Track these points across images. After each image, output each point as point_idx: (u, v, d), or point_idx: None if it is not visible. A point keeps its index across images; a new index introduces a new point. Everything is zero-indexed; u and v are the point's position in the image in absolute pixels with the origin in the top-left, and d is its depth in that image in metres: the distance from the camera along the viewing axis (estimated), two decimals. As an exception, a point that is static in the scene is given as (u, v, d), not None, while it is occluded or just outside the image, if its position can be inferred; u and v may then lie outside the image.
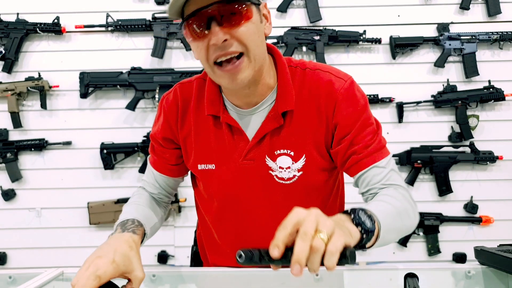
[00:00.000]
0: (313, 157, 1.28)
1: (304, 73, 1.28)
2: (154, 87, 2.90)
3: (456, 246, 3.03)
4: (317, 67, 1.30)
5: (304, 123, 1.26)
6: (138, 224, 1.26)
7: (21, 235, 3.05)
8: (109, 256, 1.02)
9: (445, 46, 2.96)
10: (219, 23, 1.08)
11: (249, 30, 1.11)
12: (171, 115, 1.34)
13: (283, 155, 1.27)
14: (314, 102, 1.26)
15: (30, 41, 3.03)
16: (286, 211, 1.00)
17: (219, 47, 1.09)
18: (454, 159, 2.95)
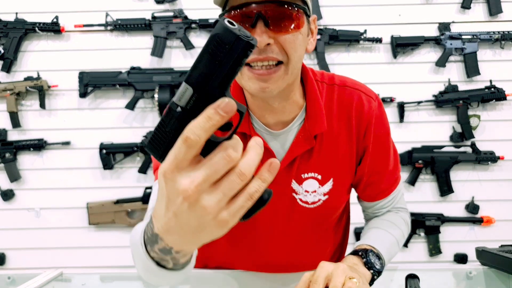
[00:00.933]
0: (340, 180, 1.24)
1: (332, 90, 1.23)
2: (154, 87, 2.88)
3: (457, 246, 3.01)
4: (344, 82, 1.25)
5: (334, 145, 1.21)
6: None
7: (20, 236, 3.04)
8: None
9: (446, 45, 2.95)
10: (266, 24, 1.00)
11: (296, 40, 1.03)
12: None
13: (310, 178, 1.22)
14: (345, 122, 1.21)
15: (29, 40, 3.01)
16: (303, 231, 1.03)
17: (259, 50, 1.01)
18: (455, 159, 2.94)
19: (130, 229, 2.99)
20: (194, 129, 0.54)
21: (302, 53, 1.09)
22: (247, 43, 0.55)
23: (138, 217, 2.97)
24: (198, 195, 0.56)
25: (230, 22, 0.55)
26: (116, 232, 3.02)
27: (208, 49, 0.55)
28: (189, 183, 0.56)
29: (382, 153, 1.26)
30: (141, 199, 2.94)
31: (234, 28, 0.55)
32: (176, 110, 0.58)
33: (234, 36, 0.54)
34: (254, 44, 0.56)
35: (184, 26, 2.91)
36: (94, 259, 3.02)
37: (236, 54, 0.55)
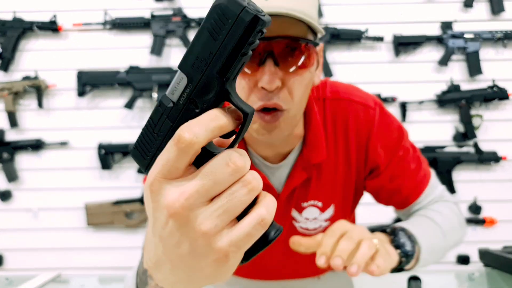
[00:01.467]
0: (342, 204, 1.18)
1: (324, 105, 1.15)
2: (153, 86, 2.86)
3: (460, 247, 2.98)
4: (337, 94, 1.17)
5: (333, 170, 1.14)
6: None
7: (18, 236, 3.02)
8: None
9: (448, 44, 2.92)
10: (276, 62, 0.91)
11: (303, 81, 0.96)
12: None
13: (310, 206, 1.15)
14: (342, 142, 1.14)
15: (27, 39, 2.99)
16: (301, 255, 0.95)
17: (267, 93, 0.92)
18: (457, 159, 2.92)
19: (128, 230, 2.98)
20: (191, 127, 0.44)
21: (308, 92, 1.01)
22: (255, 18, 0.43)
23: (137, 218, 2.95)
24: (188, 211, 0.44)
25: None
26: (114, 233, 3.00)
27: (207, 24, 0.45)
28: (177, 195, 0.44)
29: (397, 158, 1.17)
30: (140, 200, 2.92)
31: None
32: (168, 106, 0.47)
33: (239, 7, 0.43)
34: (266, 21, 0.44)
35: (183, 24, 2.89)
36: (92, 260, 2.99)
37: (242, 32, 0.43)
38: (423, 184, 1.21)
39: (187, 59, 0.46)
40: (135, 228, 2.98)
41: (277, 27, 0.90)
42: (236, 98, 0.47)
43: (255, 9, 0.43)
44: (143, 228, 2.96)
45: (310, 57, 0.95)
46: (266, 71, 0.90)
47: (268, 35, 0.91)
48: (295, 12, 0.89)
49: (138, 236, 2.98)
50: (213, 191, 0.44)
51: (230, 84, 0.46)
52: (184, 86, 0.46)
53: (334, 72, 2.92)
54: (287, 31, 0.91)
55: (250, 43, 0.44)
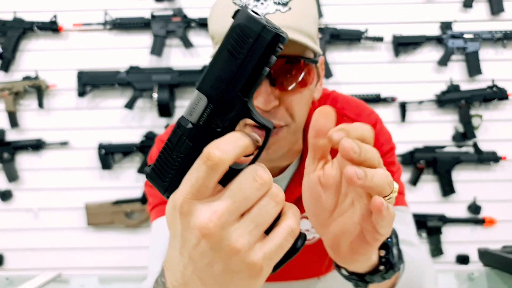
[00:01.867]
0: None
1: None
2: (153, 86, 2.86)
3: (459, 247, 2.99)
4: (344, 111, 1.13)
5: None
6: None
7: (18, 236, 3.02)
8: None
9: (448, 44, 2.92)
10: (272, 82, 0.89)
11: (303, 99, 0.94)
12: None
13: (303, 218, 1.11)
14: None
15: (27, 39, 2.99)
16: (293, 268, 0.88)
17: (263, 113, 0.89)
18: (457, 160, 2.92)
19: (129, 230, 2.98)
20: (219, 145, 0.43)
21: (308, 108, 0.99)
22: (276, 36, 0.44)
23: (137, 218, 2.95)
24: (221, 230, 0.43)
25: (254, 11, 0.45)
26: (114, 233, 3.00)
27: (226, 44, 0.45)
28: (209, 215, 0.43)
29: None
30: (140, 200, 2.92)
31: (260, 18, 0.44)
32: (187, 127, 0.47)
33: (259, 26, 0.44)
34: (285, 37, 0.45)
35: (184, 25, 2.89)
36: (93, 260, 2.99)
37: (263, 50, 0.44)
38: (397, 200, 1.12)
39: (206, 80, 0.46)
40: (135, 228, 2.98)
41: None
42: (257, 114, 0.48)
43: (273, 26, 0.44)
44: (143, 228, 2.96)
45: (309, 74, 0.93)
46: (262, 91, 0.89)
47: None
48: (292, 30, 0.88)
49: (138, 236, 2.98)
50: (243, 207, 0.44)
51: (250, 101, 0.47)
52: (204, 106, 0.46)
53: (334, 72, 2.92)
54: (284, 50, 0.90)
55: (271, 59, 0.45)
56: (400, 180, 1.13)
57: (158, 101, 2.83)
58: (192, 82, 2.86)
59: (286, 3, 0.91)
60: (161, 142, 1.16)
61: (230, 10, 0.92)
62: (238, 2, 0.93)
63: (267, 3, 0.90)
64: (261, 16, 0.44)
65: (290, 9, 0.90)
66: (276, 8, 0.90)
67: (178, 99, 2.96)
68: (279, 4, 0.90)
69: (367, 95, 2.89)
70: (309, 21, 0.94)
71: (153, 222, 1.10)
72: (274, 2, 0.91)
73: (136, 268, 2.84)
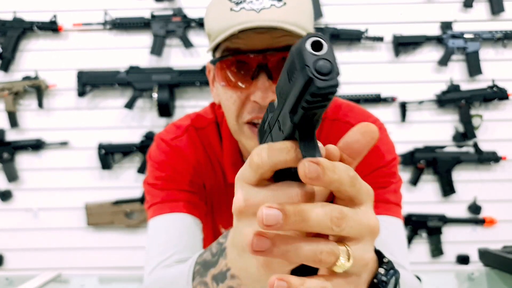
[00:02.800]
0: None
1: (332, 125, 1.11)
2: (153, 86, 2.86)
3: (460, 247, 2.99)
4: (336, 115, 1.12)
5: None
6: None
7: (18, 236, 3.02)
8: None
9: (448, 44, 2.92)
10: (269, 76, 0.89)
11: None
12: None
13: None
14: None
15: (27, 39, 2.99)
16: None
17: (261, 107, 0.90)
18: (457, 160, 2.92)
19: (128, 230, 2.98)
20: (261, 151, 0.46)
21: None
22: (308, 80, 0.39)
23: (137, 218, 2.94)
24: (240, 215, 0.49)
25: (318, 43, 0.39)
26: (114, 233, 3.00)
27: (286, 63, 0.42)
28: (241, 197, 0.48)
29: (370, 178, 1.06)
30: (140, 200, 2.92)
31: (312, 55, 0.39)
32: (270, 113, 0.51)
33: (302, 65, 0.39)
34: (321, 87, 0.38)
35: (184, 24, 2.89)
36: (93, 260, 2.99)
37: (299, 90, 0.40)
38: (384, 207, 1.05)
39: (279, 82, 0.46)
40: (135, 228, 2.97)
41: (270, 40, 0.89)
42: (302, 145, 0.46)
43: (319, 69, 0.39)
44: (143, 228, 2.96)
45: None
46: (259, 85, 0.89)
47: (260, 48, 0.90)
48: (288, 24, 0.88)
49: (138, 236, 2.98)
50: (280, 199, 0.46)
51: (300, 127, 0.45)
52: (277, 104, 0.48)
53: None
54: (281, 43, 0.90)
55: (311, 103, 0.41)
56: (399, 191, 1.11)
57: (158, 101, 2.83)
58: (192, 82, 2.85)
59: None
60: (161, 141, 1.16)
61: (226, 7, 0.92)
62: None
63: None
64: (318, 53, 0.39)
65: (285, 4, 0.90)
66: (271, 3, 0.90)
67: (178, 99, 2.96)
68: (274, 0, 0.90)
69: (367, 95, 2.89)
70: (304, 16, 0.93)
71: (150, 220, 1.09)
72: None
73: (136, 268, 2.84)
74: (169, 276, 0.88)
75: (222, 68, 0.95)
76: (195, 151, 1.13)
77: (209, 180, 1.14)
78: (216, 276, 0.69)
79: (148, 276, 0.99)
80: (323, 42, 0.39)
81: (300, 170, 0.42)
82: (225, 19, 0.91)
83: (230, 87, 0.95)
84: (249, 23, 0.88)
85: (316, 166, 0.42)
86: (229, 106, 0.97)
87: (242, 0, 0.91)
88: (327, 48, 0.39)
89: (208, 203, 1.14)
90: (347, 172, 0.44)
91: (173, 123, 1.19)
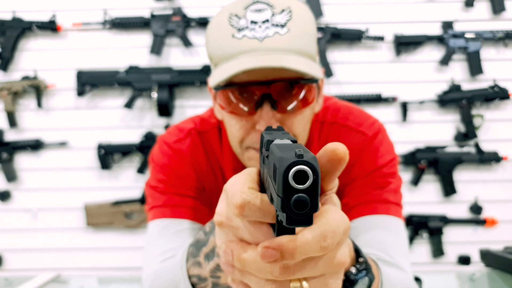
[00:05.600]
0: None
1: (321, 129, 1.11)
2: (152, 86, 2.86)
3: (461, 248, 2.98)
4: (335, 118, 1.12)
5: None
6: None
7: (17, 237, 3.01)
8: None
9: (449, 44, 2.92)
10: (273, 106, 0.90)
11: (304, 118, 0.95)
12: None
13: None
14: None
15: (26, 39, 2.98)
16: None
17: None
18: (458, 160, 2.91)
19: (128, 230, 2.97)
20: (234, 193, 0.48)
21: (309, 124, 1.00)
22: (282, 214, 0.40)
23: (136, 219, 2.94)
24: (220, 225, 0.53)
25: (303, 173, 0.38)
26: (114, 234, 2.99)
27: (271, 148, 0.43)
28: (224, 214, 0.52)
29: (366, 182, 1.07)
30: (140, 200, 2.91)
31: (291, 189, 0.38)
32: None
33: (279, 193, 0.39)
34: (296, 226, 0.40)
35: (183, 24, 2.88)
36: (92, 261, 2.99)
37: (277, 207, 0.40)
38: (383, 206, 1.05)
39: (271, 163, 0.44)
40: (134, 229, 2.97)
41: (274, 70, 0.88)
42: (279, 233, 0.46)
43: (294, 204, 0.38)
44: (143, 228, 2.95)
45: (310, 93, 0.93)
46: (263, 114, 0.90)
47: (264, 79, 0.89)
48: (292, 53, 0.88)
49: (137, 236, 2.97)
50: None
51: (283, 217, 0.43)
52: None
53: (335, 72, 2.91)
54: (284, 74, 0.89)
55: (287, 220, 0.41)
56: (399, 191, 1.10)
57: (157, 101, 2.82)
58: (192, 82, 2.85)
59: (284, 24, 0.90)
60: (163, 143, 1.16)
61: (227, 33, 0.91)
62: (235, 24, 0.92)
63: (265, 25, 0.90)
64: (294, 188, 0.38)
65: (289, 30, 0.90)
66: (275, 31, 0.89)
67: (177, 99, 2.95)
68: (277, 26, 0.90)
69: (368, 94, 2.88)
70: (308, 40, 0.93)
71: (150, 223, 1.09)
72: (272, 24, 0.90)
73: (135, 268, 2.82)
74: (164, 268, 0.90)
75: (226, 96, 0.94)
76: (197, 155, 1.14)
77: (210, 184, 1.14)
78: (208, 254, 0.71)
79: (146, 277, 0.99)
80: (309, 173, 0.38)
81: (258, 252, 0.45)
82: (226, 46, 0.91)
83: (234, 115, 0.95)
84: (252, 53, 0.87)
85: (271, 251, 0.43)
86: (233, 132, 0.98)
87: (244, 27, 0.90)
88: (311, 181, 0.38)
89: (208, 206, 1.14)
90: (316, 245, 0.45)
91: (176, 125, 1.19)
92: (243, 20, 0.91)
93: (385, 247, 0.96)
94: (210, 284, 0.77)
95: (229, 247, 0.50)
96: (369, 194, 1.05)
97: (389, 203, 1.05)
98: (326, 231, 0.45)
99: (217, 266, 0.73)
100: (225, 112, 0.97)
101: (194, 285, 0.80)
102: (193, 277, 0.80)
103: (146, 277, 0.99)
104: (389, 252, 0.96)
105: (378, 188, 1.06)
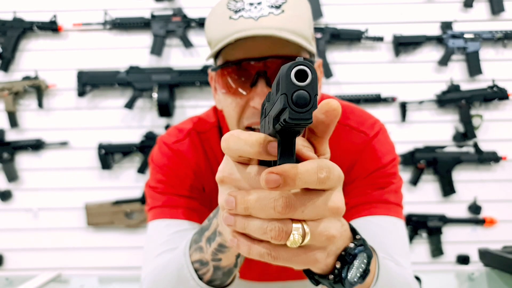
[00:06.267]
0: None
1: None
2: (153, 86, 2.86)
3: (460, 247, 2.98)
4: (347, 121, 1.12)
5: None
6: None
7: (18, 236, 3.01)
8: None
9: (448, 44, 2.92)
10: (268, 83, 0.91)
11: None
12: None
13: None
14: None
15: (27, 39, 2.99)
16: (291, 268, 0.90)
17: (260, 113, 0.93)
18: (457, 160, 2.91)
19: (128, 230, 2.97)
20: (230, 139, 0.53)
21: None
22: (284, 113, 0.43)
23: (137, 218, 2.94)
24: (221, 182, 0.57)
25: (303, 72, 0.42)
26: (114, 233, 3.00)
27: (278, 75, 0.45)
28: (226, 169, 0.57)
29: (367, 182, 1.08)
30: (140, 200, 2.92)
31: (293, 85, 0.42)
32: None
33: (282, 92, 0.43)
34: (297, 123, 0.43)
35: (184, 24, 2.88)
36: (92, 260, 2.99)
37: (277, 111, 0.45)
38: (383, 207, 1.04)
39: (275, 80, 0.47)
40: (135, 228, 2.97)
41: (269, 47, 0.90)
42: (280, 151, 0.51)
43: (296, 99, 0.42)
44: (143, 228, 2.96)
45: None
46: (258, 92, 0.91)
47: (259, 56, 0.91)
48: (286, 31, 0.89)
49: (138, 236, 2.98)
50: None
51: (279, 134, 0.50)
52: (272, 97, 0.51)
53: (334, 72, 2.91)
54: (279, 51, 0.91)
55: (287, 124, 0.44)
56: (399, 191, 1.11)
57: (158, 101, 2.82)
58: (192, 82, 2.85)
59: (279, 6, 0.92)
60: (163, 144, 1.17)
61: (225, 16, 0.94)
62: (232, 7, 0.94)
63: (260, 7, 0.92)
64: (303, 83, 0.42)
65: (283, 11, 0.92)
66: (270, 11, 0.91)
67: (178, 99, 2.96)
68: (273, 7, 0.92)
69: (367, 95, 2.88)
70: (302, 23, 0.94)
71: (150, 223, 1.10)
72: (268, 5, 0.92)
73: (135, 268, 2.83)
74: (165, 259, 0.91)
75: (223, 76, 0.96)
76: (196, 155, 1.15)
77: (209, 184, 1.15)
78: (209, 237, 0.74)
79: (145, 277, 0.99)
80: (308, 72, 0.42)
81: (261, 179, 0.48)
82: (224, 27, 0.94)
83: (230, 94, 0.96)
84: (247, 31, 0.89)
85: (275, 176, 0.47)
86: (230, 112, 0.98)
87: (241, 9, 0.93)
88: (310, 79, 0.42)
89: (207, 206, 1.15)
90: (314, 175, 0.49)
91: (175, 126, 1.20)
92: (240, 2, 0.94)
93: (385, 247, 0.97)
94: (211, 268, 0.79)
95: (232, 194, 0.53)
96: (370, 195, 1.06)
97: (389, 204, 1.06)
98: (323, 166, 0.50)
99: (218, 246, 0.74)
100: (222, 94, 0.99)
101: (197, 270, 0.81)
102: (195, 263, 0.81)
103: (145, 276, 0.99)
104: (389, 252, 0.96)
105: (378, 189, 1.07)
